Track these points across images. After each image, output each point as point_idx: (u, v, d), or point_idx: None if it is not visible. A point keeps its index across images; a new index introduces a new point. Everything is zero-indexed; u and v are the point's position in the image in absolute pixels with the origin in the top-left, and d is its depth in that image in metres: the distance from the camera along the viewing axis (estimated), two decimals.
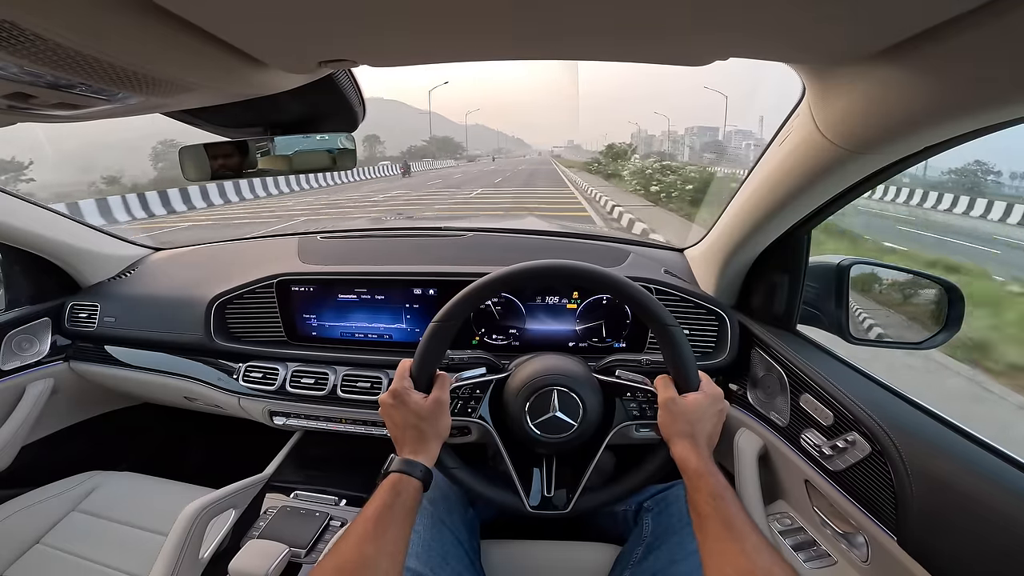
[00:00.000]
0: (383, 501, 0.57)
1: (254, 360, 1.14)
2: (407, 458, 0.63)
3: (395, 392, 0.67)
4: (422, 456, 0.64)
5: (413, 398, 0.66)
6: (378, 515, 0.56)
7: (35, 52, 0.31)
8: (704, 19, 0.36)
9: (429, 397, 0.67)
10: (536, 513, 0.74)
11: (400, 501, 0.58)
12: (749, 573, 0.49)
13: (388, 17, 0.36)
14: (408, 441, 0.66)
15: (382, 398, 0.69)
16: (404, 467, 0.62)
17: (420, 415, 0.66)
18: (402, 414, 0.66)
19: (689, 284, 1.06)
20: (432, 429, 0.66)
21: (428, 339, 0.69)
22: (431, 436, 0.66)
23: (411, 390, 0.67)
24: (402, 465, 0.62)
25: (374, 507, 0.57)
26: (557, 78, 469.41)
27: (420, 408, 0.66)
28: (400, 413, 0.66)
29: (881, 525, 0.64)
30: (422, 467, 0.63)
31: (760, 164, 0.77)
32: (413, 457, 0.64)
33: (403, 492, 0.59)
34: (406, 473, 0.61)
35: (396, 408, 0.67)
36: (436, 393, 0.68)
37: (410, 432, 0.66)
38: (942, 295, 0.83)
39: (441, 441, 0.68)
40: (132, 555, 0.98)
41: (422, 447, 0.65)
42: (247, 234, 1.55)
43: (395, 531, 0.55)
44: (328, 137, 0.75)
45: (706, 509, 0.56)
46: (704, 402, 0.67)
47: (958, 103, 0.44)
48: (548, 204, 12.89)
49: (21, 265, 1.26)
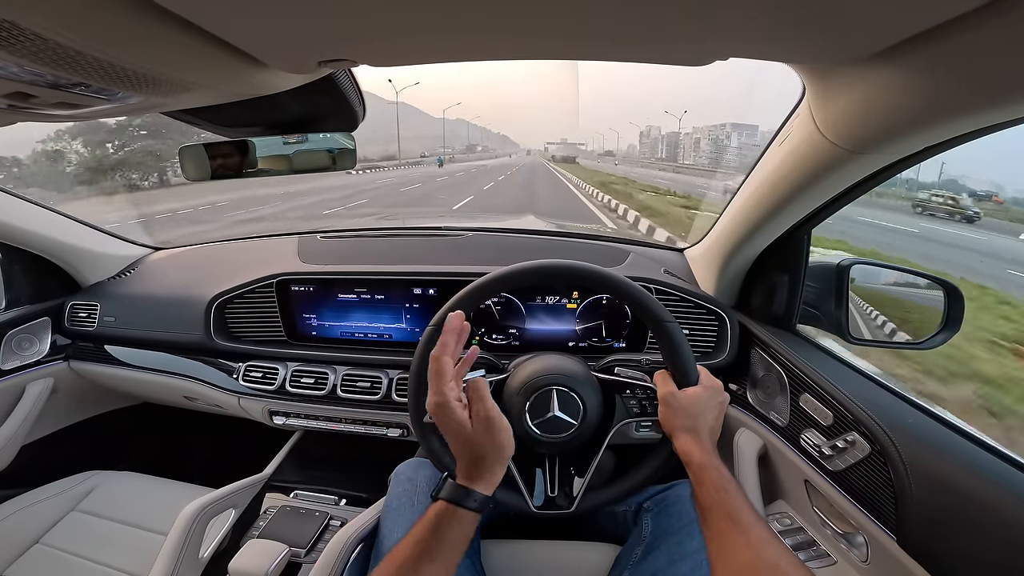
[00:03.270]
0: (420, 535, 0.51)
1: (254, 360, 1.14)
2: (462, 485, 0.55)
3: (437, 408, 0.55)
4: (480, 484, 0.55)
5: (458, 416, 0.55)
6: (415, 549, 0.50)
7: (35, 52, 0.31)
8: (704, 19, 0.36)
9: (471, 414, 0.56)
10: (540, 513, 0.74)
11: (441, 536, 0.51)
12: (755, 565, 0.48)
13: (388, 17, 0.36)
14: (463, 463, 0.56)
15: (428, 406, 0.58)
16: (453, 495, 0.54)
17: (469, 438, 0.55)
18: (452, 433, 0.56)
19: (689, 284, 1.06)
20: (492, 453, 0.56)
21: (429, 338, 0.69)
22: (491, 461, 0.56)
23: (453, 402, 0.55)
24: (454, 494, 0.54)
25: (411, 538, 0.52)
26: (552, 73, 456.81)
27: (468, 431, 0.55)
28: (450, 433, 0.56)
29: (881, 525, 0.64)
30: (478, 496, 0.54)
31: (760, 164, 0.77)
32: (468, 483, 0.55)
33: (445, 526, 0.52)
34: (453, 503, 0.54)
35: (443, 426, 0.57)
36: (476, 407, 0.56)
37: (465, 453, 0.56)
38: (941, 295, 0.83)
39: (506, 462, 0.57)
40: (132, 555, 0.98)
41: (477, 472, 0.55)
42: (247, 234, 1.55)
43: (441, 563, 0.50)
44: (328, 137, 0.75)
45: (710, 502, 0.55)
46: (704, 395, 0.67)
47: (958, 103, 0.44)
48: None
49: (21, 265, 1.26)
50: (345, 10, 0.35)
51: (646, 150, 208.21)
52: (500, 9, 0.36)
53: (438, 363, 0.56)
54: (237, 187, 15.09)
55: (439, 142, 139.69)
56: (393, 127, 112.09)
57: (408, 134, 75.44)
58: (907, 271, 0.91)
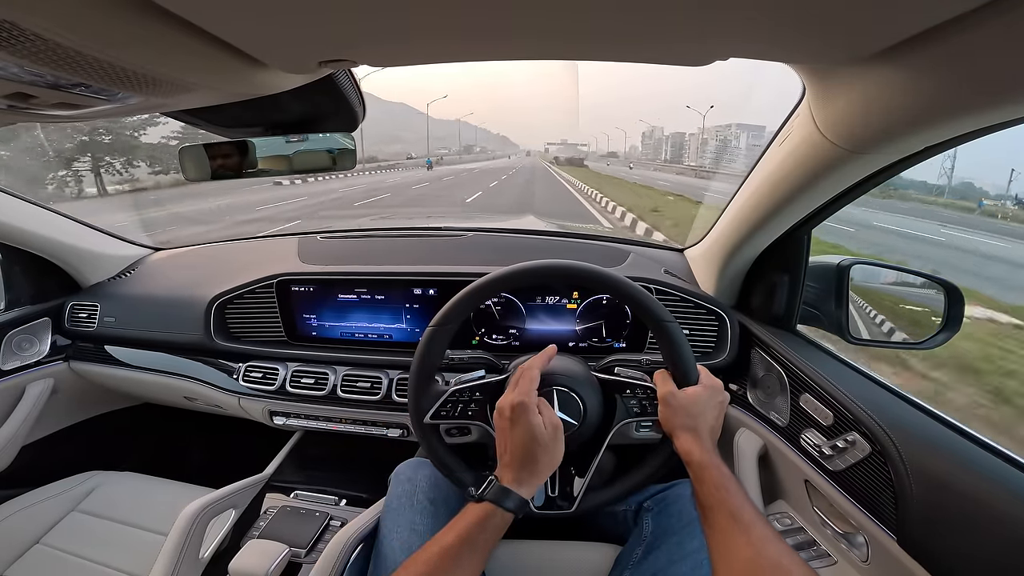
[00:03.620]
0: (468, 533, 0.54)
1: (254, 360, 1.14)
2: (507, 488, 0.58)
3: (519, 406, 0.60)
4: (525, 488, 0.59)
5: (537, 420, 0.60)
6: (459, 547, 0.52)
7: (35, 52, 0.31)
8: (704, 20, 0.36)
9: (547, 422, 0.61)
10: (541, 513, 0.74)
11: (484, 537, 0.54)
12: (756, 564, 0.48)
13: (388, 17, 0.36)
14: (515, 465, 0.59)
15: (502, 404, 0.63)
16: (501, 499, 0.57)
17: (538, 441, 0.60)
18: (521, 432, 0.60)
19: (689, 284, 1.06)
20: (547, 458, 0.60)
21: (429, 339, 0.69)
22: (543, 466, 0.60)
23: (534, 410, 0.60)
24: (499, 496, 0.57)
25: (456, 535, 0.53)
26: (554, 73, 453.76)
27: (541, 433, 0.60)
28: (519, 431, 0.60)
29: (881, 525, 0.64)
30: (519, 500, 0.58)
31: (760, 164, 0.77)
32: (515, 487, 0.58)
33: (490, 527, 0.55)
34: (500, 505, 0.56)
35: (516, 424, 0.60)
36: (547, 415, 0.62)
37: (524, 455, 0.60)
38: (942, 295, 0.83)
39: (551, 473, 0.62)
40: (132, 555, 0.98)
41: (528, 477, 0.59)
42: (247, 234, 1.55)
43: (470, 566, 0.52)
44: (328, 137, 0.75)
45: (711, 501, 0.55)
46: (704, 394, 0.67)
47: (958, 103, 0.44)
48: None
49: (21, 265, 1.26)
50: (346, 11, 0.35)
51: (649, 151, 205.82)
52: (500, 10, 0.36)
53: (531, 372, 0.64)
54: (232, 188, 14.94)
55: (437, 143, 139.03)
56: (387, 128, 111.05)
57: (408, 136, 74.58)
58: (908, 271, 0.91)
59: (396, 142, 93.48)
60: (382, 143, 44.97)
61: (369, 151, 65.24)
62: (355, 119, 0.73)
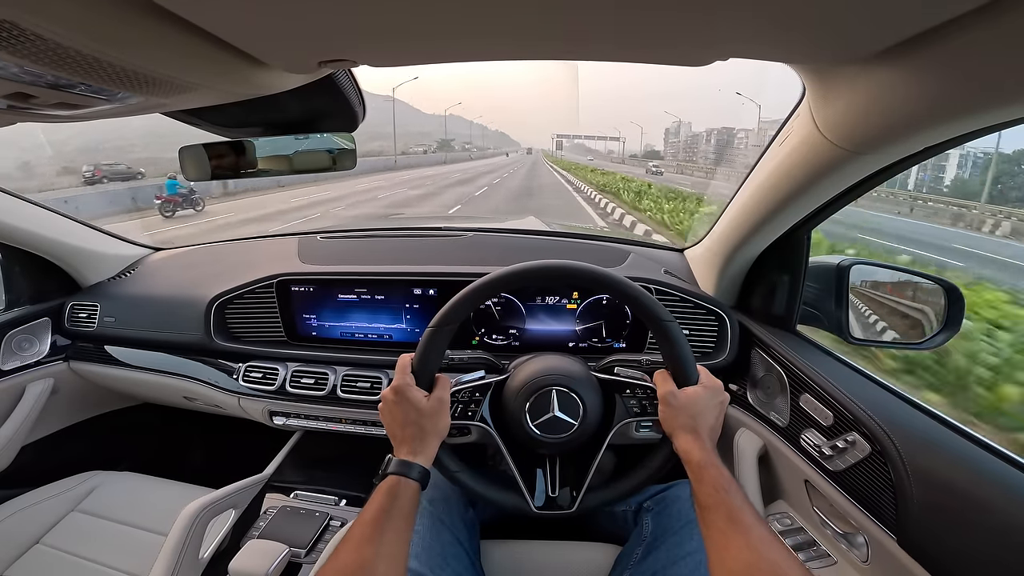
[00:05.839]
0: (380, 505, 0.57)
1: (254, 360, 1.14)
2: (405, 459, 0.63)
3: (398, 388, 0.67)
4: (420, 456, 0.64)
5: (415, 394, 0.66)
6: (376, 519, 0.55)
7: (35, 52, 0.31)
8: (704, 20, 0.37)
9: (431, 395, 0.68)
10: (541, 514, 0.74)
11: (398, 505, 0.57)
12: (755, 566, 0.47)
13: (388, 17, 0.36)
14: (407, 439, 0.65)
15: (384, 393, 0.68)
16: (401, 469, 0.61)
17: (422, 412, 0.66)
18: (403, 410, 0.66)
19: (689, 284, 1.06)
20: (433, 427, 0.66)
21: (428, 340, 0.69)
22: (431, 434, 0.66)
23: (413, 386, 0.67)
24: (400, 467, 0.62)
25: (372, 510, 0.57)
26: (554, 74, 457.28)
27: (422, 405, 0.66)
28: (401, 409, 0.66)
29: (881, 525, 0.64)
30: (420, 468, 0.62)
31: (760, 164, 0.77)
32: (411, 458, 0.63)
33: (401, 495, 0.58)
34: (404, 475, 0.61)
35: (398, 404, 0.66)
36: (438, 392, 0.68)
37: (410, 429, 0.65)
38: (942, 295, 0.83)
39: (440, 440, 0.68)
40: (132, 555, 0.98)
41: (421, 446, 0.65)
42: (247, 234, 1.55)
43: (393, 534, 0.55)
44: (328, 137, 0.75)
45: (710, 502, 0.55)
46: (704, 395, 0.67)
47: (958, 103, 0.44)
48: None
49: (21, 265, 1.26)
50: (345, 11, 0.35)
51: (673, 150, 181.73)
52: (500, 11, 0.36)
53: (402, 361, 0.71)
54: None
55: (429, 139, 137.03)
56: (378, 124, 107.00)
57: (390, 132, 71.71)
58: (908, 271, 0.91)
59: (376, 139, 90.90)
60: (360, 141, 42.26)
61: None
62: (355, 119, 0.73)
